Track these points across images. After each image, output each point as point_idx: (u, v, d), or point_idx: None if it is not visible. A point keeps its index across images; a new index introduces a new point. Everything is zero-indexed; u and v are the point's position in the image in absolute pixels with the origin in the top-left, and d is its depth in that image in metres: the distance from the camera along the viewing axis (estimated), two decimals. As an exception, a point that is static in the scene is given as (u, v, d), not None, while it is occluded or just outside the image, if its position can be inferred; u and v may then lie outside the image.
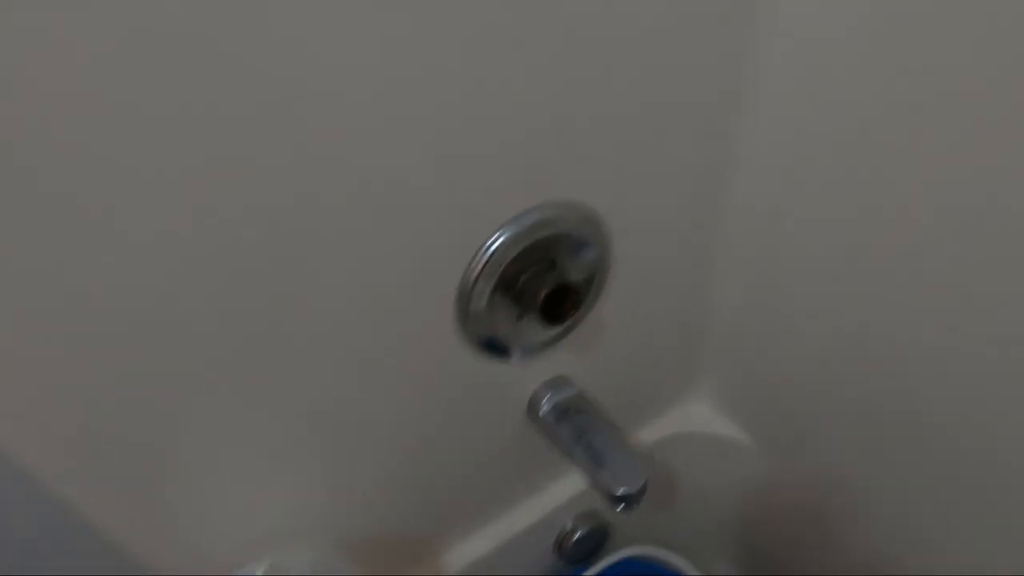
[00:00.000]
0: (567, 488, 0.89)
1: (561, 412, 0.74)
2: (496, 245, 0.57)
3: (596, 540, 0.94)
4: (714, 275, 0.77)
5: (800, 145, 0.61)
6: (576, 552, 0.93)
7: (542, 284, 0.60)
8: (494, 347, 0.65)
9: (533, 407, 0.75)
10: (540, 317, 0.59)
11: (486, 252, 0.57)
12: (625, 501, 0.66)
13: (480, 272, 0.58)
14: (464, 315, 0.60)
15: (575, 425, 0.71)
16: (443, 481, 0.77)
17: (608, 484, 0.66)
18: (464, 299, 0.59)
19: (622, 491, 0.66)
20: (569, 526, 0.91)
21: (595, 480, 0.68)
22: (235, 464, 0.58)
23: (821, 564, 0.90)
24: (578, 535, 0.91)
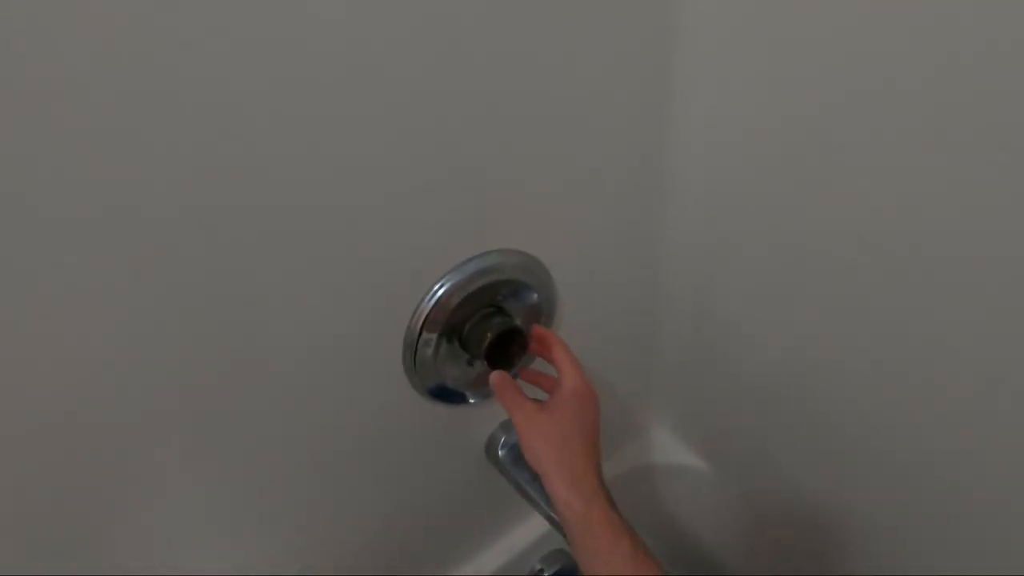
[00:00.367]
0: (533, 529, 0.89)
1: (518, 453, 0.74)
2: (439, 294, 0.59)
3: (566, 579, 0.94)
4: (658, 308, 0.80)
5: (727, 182, 0.65)
6: (546, 593, 0.92)
7: (487, 329, 0.61)
8: (445, 394, 0.66)
9: (491, 448, 0.76)
10: (487, 362, 0.61)
11: (430, 301, 0.59)
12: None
13: (424, 321, 0.59)
14: (413, 365, 0.61)
15: (532, 465, 0.72)
16: (406, 528, 0.77)
17: (566, 523, 0.67)
18: (411, 349, 0.60)
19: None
20: (538, 567, 0.91)
21: (552, 520, 0.68)
22: (186, 531, 0.57)
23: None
24: (547, 576, 0.91)
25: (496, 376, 0.59)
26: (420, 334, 0.59)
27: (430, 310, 0.59)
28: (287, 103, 0.43)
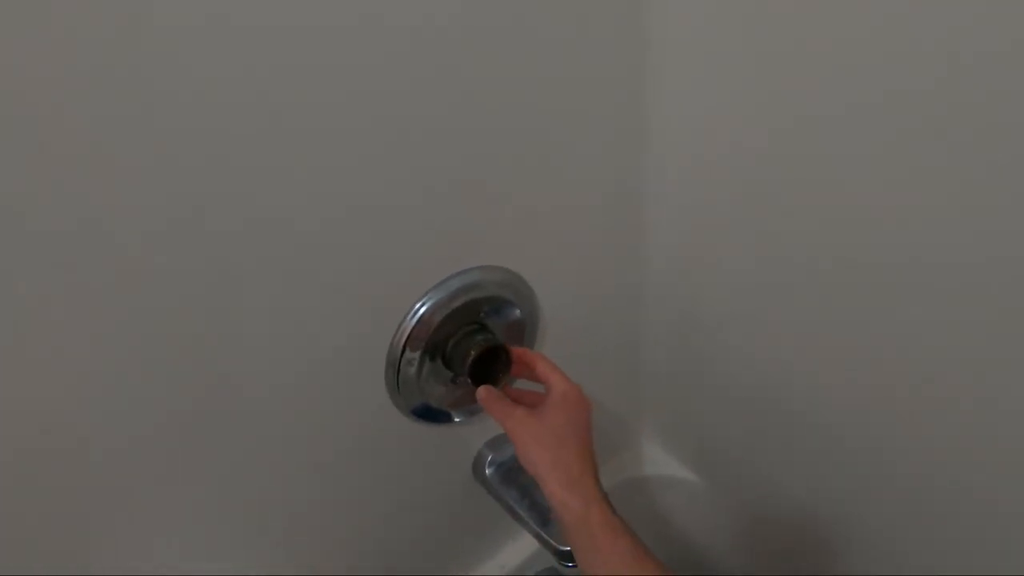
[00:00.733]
0: (524, 547, 0.88)
1: (506, 471, 0.74)
2: (422, 312, 0.58)
3: (558, 598, 0.93)
4: (643, 322, 0.80)
5: (710, 195, 0.65)
6: (539, 612, 0.91)
7: (471, 347, 0.60)
8: (430, 414, 0.65)
9: (478, 468, 0.75)
10: (471, 380, 0.60)
11: (412, 319, 0.58)
12: (571, 557, 0.65)
13: (407, 339, 0.58)
14: (396, 384, 0.60)
15: (519, 483, 0.71)
16: (393, 550, 0.75)
17: (554, 541, 0.66)
18: (394, 367, 0.59)
19: (568, 547, 0.65)
20: (529, 586, 0.90)
21: (541, 538, 0.67)
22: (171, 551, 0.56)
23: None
24: (539, 595, 0.89)
25: (483, 390, 0.59)
26: (403, 352, 0.59)
27: (413, 328, 0.58)
28: (269, 122, 0.43)
